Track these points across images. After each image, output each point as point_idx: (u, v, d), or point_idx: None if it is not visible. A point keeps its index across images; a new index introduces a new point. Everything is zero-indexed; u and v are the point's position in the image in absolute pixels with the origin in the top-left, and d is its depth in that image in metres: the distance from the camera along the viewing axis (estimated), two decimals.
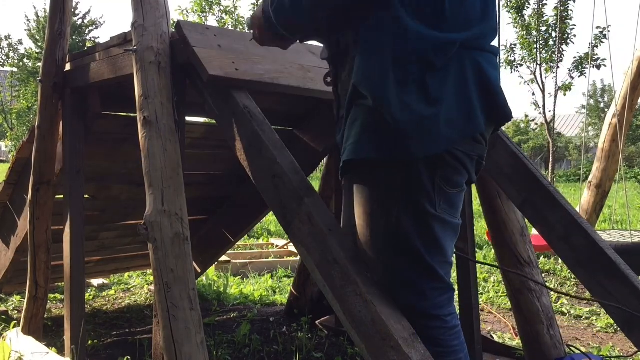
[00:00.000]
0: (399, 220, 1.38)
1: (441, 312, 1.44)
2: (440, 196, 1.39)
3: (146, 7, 1.91)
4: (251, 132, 1.73)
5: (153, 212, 1.70)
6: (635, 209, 10.00)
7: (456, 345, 1.45)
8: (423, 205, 1.38)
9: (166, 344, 1.62)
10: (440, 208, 1.40)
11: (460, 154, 1.39)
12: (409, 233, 1.38)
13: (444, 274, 1.44)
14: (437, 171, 1.37)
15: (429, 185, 1.37)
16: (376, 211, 1.42)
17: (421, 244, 1.39)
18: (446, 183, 1.40)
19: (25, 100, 18.40)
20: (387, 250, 1.43)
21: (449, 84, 1.35)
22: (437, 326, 1.43)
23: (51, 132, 2.49)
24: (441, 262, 1.43)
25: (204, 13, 10.03)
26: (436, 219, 1.39)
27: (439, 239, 1.41)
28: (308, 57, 2.15)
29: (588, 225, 2.05)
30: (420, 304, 1.43)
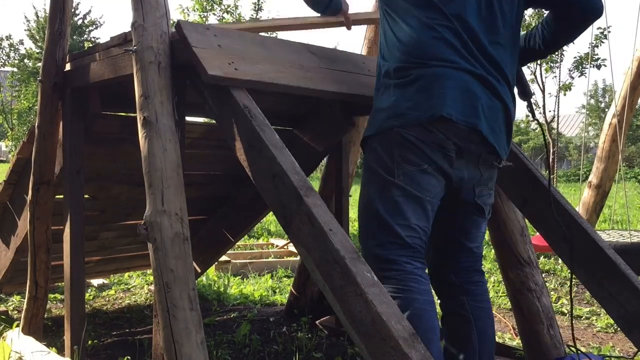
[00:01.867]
0: (368, 189, 1.80)
1: (398, 258, 1.72)
2: (399, 169, 1.73)
3: (146, 7, 1.91)
4: (251, 132, 1.73)
5: (153, 212, 1.70)
6: (635, 209, 10.00)
7: (413, 287, 1.69)
8: (383, 174, 1.75)
9: (166, 344, 1.62)
10: (399, 178, 1.73)
11: (411, 138, 1.72)
12: (373, 198, 1.77)
13: (403, 234, 1.73)
14: (392, 148, 1.74)
15: (387, 159, 1.74)
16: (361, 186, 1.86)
17: (381, 205, 1.75)
18: (403, 160, 1.73)
19: (26, 100, 18.39)
20: (361, 212, 1.83)
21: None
22: (393, 268, 1.71)
23: (51, 132, 2.49)
24: (401, 224, 1.73)
25: (205, 12, 10.02)
26: (395, 186, 1.73)
27: (398, 202, 1.73)
28: (308, 57, 2.15)
29: (588, 225, 2.05)
30: (379, 252, 1.74)
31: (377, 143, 1.78)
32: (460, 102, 1.71)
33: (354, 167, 3.49)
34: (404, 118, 1.72)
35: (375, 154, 1.79)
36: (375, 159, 1.78)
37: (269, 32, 3.96)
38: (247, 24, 2.58)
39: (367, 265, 1.51)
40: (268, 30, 2.68)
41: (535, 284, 2.39)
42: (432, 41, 1.74)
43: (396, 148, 1.73)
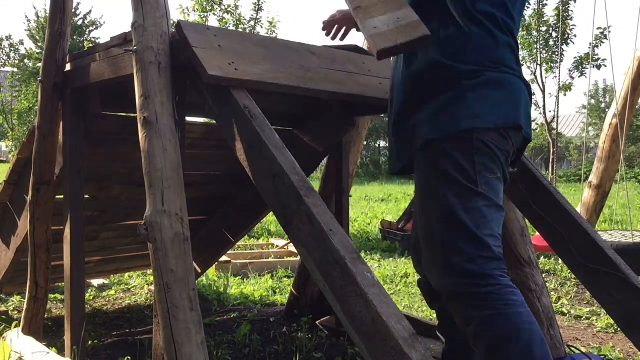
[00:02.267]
0: (446, 197, 1.61)
1: (492, 272, 1.58)
2: (481, 178, 1.61)
3: (146, 7, 1.91)
4: (251, 132, 1.73)
5: (153, 212, 1.70)
6: (635, 209, 10.00)
7: (514, 300, 1.56)
8: (463, 182, 1.60)
9: (166, 344, 1.62)
10: (482, 187, 1.61)
11: (490, 144, 1.63)
12: (456, 208, 1.60)
13: (492, 245, 1.60)
14: (473, 155, 1.61)
15: (468, 166, 1.61)
16: (424, 193, 1.71)
17: (466, 215, 1.59)
18: (484, 168, 1.62)
19: (26, 100, 18.39)
20: (437, 224, 1.65)
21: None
22: (491, 283, 1.57)
23: (51, 132, 2.49)
24: (489, 234, 1.61)
25: (205, 12, 10.02)
26: (479, 195, 1.61)
27: (484, 212, 1.61)
28: (308, 57, 2.15)
29: (588, 225, 2.05)
30: (471, 266, 1.57)
31: (452, 147, 1.63)
32: (524, 112, 1.71)
33: (354, 167, 3.49)
34: (481, 120, 1.63)
35: (450, 159, 1.63)
36: (452, 164, 1.62)
37: (269, 32, 3.97)
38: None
39: (365, 265, 1.50)
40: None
41: (535, 284, 2.39)
42: (503, 46, 1.71)
43: (477, 155, 1.62)
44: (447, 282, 1.62)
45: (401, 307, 3.91)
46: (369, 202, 11.89)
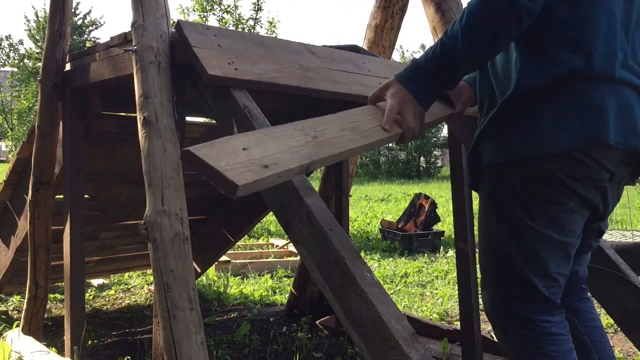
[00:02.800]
0: (498, 227, 1.47)
1: (534, 317, 1.46)
2: (540, 210, 1.41)
3: (146, 7, 1.91)
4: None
5: (153, 212, 1.69)
6: (635, 209, 10.00)
7: (553, 351, 1.45)
8: (519, 214, 1.43)
9: (166, 344, 1.62)
10: (539, 222, 1.42)
11: (559, 175, 1.39)
12: (505, 241, 1.46)
13: (540, 286, 1.45)
14: (534, 186, 1.41)
15: (526, 197, 1.42)
16: (482, 216, 1.54)
17: (514, 250, 1.45)
18: (547, 200, 1.41)
19: (26, 100, 18.40)
20: (487, 253, 1.53)
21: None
22: (528, 328, 1.47)
23: (51, 132, 2.49)
24: (539, 274, 1.45)
25: (205, 12, 10.03)
26: (534, 231, 1.43)
27: (536, 250, 1.44)
28: (308, 57, 2.15)
29: None
30: (512, 306, 1.48)
31: (515, 174, 1.43)
32: (617, 122, 1.38)
33: (354, 167, 3.49)
34: (553, 144, 1.37)
35: (510, 187, 1.44)
36: (512, 193, 1.44)
37: (269, 32, 3.95)
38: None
39: (365, 265, 1.49)
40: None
41: None
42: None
43: (539, 186, 1.40)
44: (490, 312, 1.55)
45: (401, 307, 3.91)
46: (369, 202, 11.90)
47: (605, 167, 1.41)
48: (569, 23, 1.38)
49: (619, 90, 1.40)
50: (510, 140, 1.42)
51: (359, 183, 17.90)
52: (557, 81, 1.37)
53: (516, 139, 1.41)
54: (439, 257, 5.93)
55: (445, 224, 7.64)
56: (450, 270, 5.10)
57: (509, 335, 1.51)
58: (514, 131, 1.42)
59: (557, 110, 1.37)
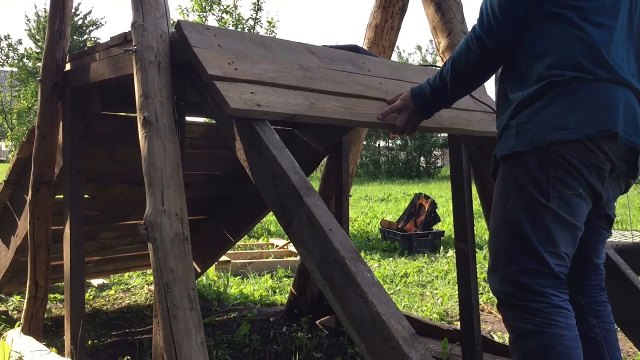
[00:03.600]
0: (514, 207, 1.61)
1: (544, 290, 1.58)
2: (555, 192, 1.57)
3: (146, 7, 1.91)
4: (251, 132, 1.73)
5: (153, 212, 1.69)
6: (635, 209, 10.00)
7: (559, 322, 1.56)
8: (535, 195, 1.58)
9: (166, 344, 1.62)
10: (554, 202, 1.57)
11: (571, 159, 1.56)
12: (521, 219, 1.59)
13: (551, 262, 1.58)
14: (549, 169, 1.57)
15: (542, 179, 1.58)
16: (497, 200, 1.69)
17: (530, 229, 1.58)
18: (559, 182, 1.57)
19: (26, 100, 18.40)
20: (500, 231, 1.65)
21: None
22: (539, 300, 1.57)
23: (51, 132, 2.49)
24: (550, 252, 1.59)
25: (204, 12, 10.02)
26: (549, 210, 1.57)
27: (550, 228, 1.58)
28: (308, 57, 2.15)
29: None
30: (525, 281, 1.58)
31: (531, 159, 1.60)
32: (624, 118, 1.58)
33: (354, 167, 3.49)
34: (568, 132, 1.55)
35: (526, 170, 1.60)
36: (528, 176, 1.60)
37: (269, 32, 3.95)
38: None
39: (365, 265, 1.50)
40: None
41: None
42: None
43: (554, 169, 1.57)
44: (500, 290, 1.64)
45: (401, 307, 3.91)
46: (369, 202, 11.89)
47: (609, 158, 1.59)
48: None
49: (626, 92, 1.60)
50: (530, 130, 1.59)
51: (359, 183, 17.90)
52: (573, 80, 1.57)
53: (535, 129, 1.58)
54: (439, 257, 5.93)
55: (445, 224, 7.64)
56: (450, 270, 5.10)
57: (519, 309, 1.58)
58: (534, 123, 1.59)
59: (573, 104, 1.56)
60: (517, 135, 1.62)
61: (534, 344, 1.54)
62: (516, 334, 1.59)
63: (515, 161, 1.63)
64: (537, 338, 1.54)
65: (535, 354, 1.54)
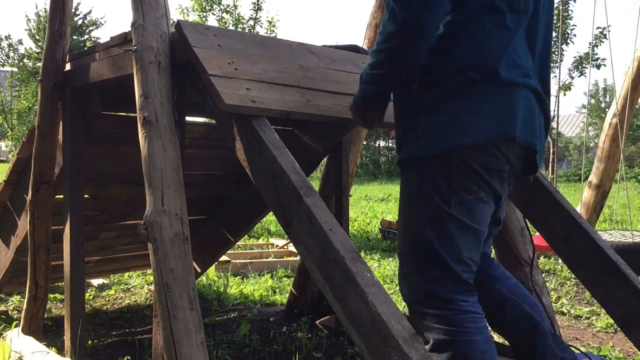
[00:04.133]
0: (418, 215, 1.60)
1: (453, 297, 1.58)
2: (455, 198, 1.56)
3: (146, 7, 1.91)
4: (251, 132, 1.73)
5: (153, 212, 1.70)
6: (635, 209, 10.00)
7: (471, 327, 1.57)
8: (437, 201, 1.57)
9: (166, 344, 1.62)
10: (455, 209, 1.57)
11: (474, 164, 1.56)
12: (425, 227, 1.58)
13: (457, 269, 1.59)
14: (451, 174, 1.56)
15: (444, 186, 1.56)
16: (402, 206, 1.67)
17: (433, 236, 1.58)
18: (461, 188, 1.57)
19: (26, 100, 18.40)
20: (407, 240, 1.64)
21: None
22: (448, 307, 1.57)
23: (51, 132, 2.49)
24: (455, 258, 1.59)
25: (205, 12, 10.02)
26: (450, 217, 1.57)
27: (453, 235, 1.58)
28: (308, 57, 2.15)
29: (588, 225, 2.05)
30: (433, 287, 1.59)
31: (433, 164, 1.58)
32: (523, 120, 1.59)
33: (354, 167, 3.49)
34: (470, 137, 1.54)
35: (430, 176, 1.58)
36: (430, 183, 1.58)
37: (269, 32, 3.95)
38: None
39: (365, 265, 1.50)
40: None
41: (535, 284, 2.39)
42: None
43: (456, 175, 1.56)
44: (410, 299, 1.65)
45: (401, 307, 3.91)
46: (369, 202, 11.90)
47: (509, 160, 1.61)
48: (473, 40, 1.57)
49: (526, 93, 1.60)
50: (432, 135, 1.57)
51: (359, 183, 17.90)
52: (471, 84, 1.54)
53: (438, 134, 1.56)
54: None
55: None
56: None
57: (429, 317, 1.59)
58: (436, 127, 1.57)
59: (474, 108, 1.55)
60: (419, 140, 1.59)
61: (449, 355, 1.55)
62: (430, 345, 1.58)
63: (418, 166, 1.61)
64: (452, 348, 1.55)
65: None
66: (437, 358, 1.56)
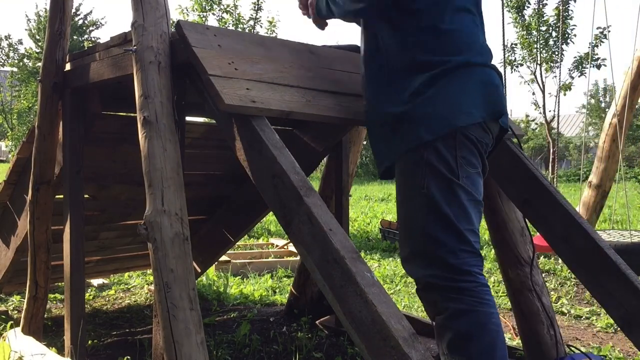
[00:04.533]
0: (430, 190, 1.64)
1: (472, 269, 1.63)
2: (462, 171, 1.65)
3: (146, 7, 1.91)
4: (251, 132, 1.73)
5: (153, 212, 1.69)
6: (635, 209, 10.00)
7: (488, 300, 1.62)
8: (447, 174, 1.64)
9: (166, 344, 1.62)
10: (463, 181, 1.65)
11: (474, 139, 1.68)
12: (439, 201, 1.63)
13: (472, 240, 1.65)
14: (456, 149, 1.65)
15: (451, 160, 1.64)
16: (408, 188, 1.70)
17: (448, 208, 1.63)
18: (465, 161, 1.67)
19: (26, 100, 18.39)
20: (417, 214, 1.67)
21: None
22: (469, 280, 1.61)
23: (51, 132, 2.49)
24: (468, 229, 1.64)
25: (204, 12, 10.01)
26: (461, 189, 1.64)
27: (466, 206, 1.65)
28: (308, 57, 2.15)
29: (588, 225, 2.05)
30: (454, 261, 1.61)
31: (439, 143, 1.66)
32: (499, 101, 1.78)
33: (354, 167, 3.49)
34: (471, 116, 1.68)
35: (435, 153, 1.65)
36: (438, 158, 1.65)
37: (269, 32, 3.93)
38: None
39: (365, 265, 1.50)
40: None
41: (535, 284, 2.39)
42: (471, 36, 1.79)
43: (459, 149, 1.66)
44: (426, 274, 1.65)
45: (401, 307, 3.92)
46: (369, 202, 11.90)
47: (492, 137, 1.79)
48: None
49: (492, 74, 1.79)
50: (434, 117, 1.67)
51: (359, 183, 17.89)
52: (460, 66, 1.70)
53: (439, 115, 1.67)
54: None
55: None
56: None
57: (447, 290, 1.61)
58: (435, 108, 1.67)
59: (468, 89, 1.70)
60: (419, 124, 1.67)
61: (467, 323, 1.58)
62: (447, 314, 1.60)
63: (423, 147, 1.67)
64: (471, 317, 1.58)
65: (470, 334, 1.57)
66: (455, 324, 1.59)
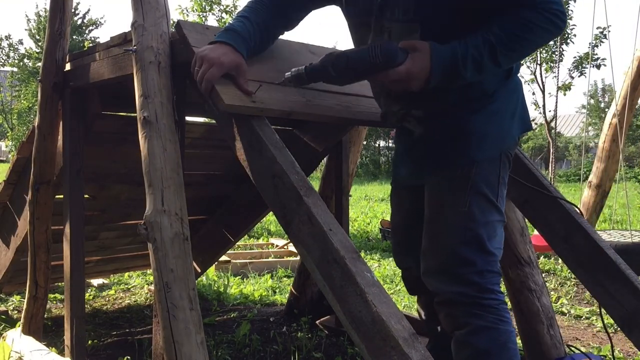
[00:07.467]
0: (471, 209, 1.63)
1: (494, 287, 1.65)
2: (501, 192, 1.67)
3: (146, 7, 1.91)
4: (251, 131, 1.73)
5: (153, 212, 1.69)
6: (635, 209, 10.00)
7: (508, 318, 1.65)
8: (489, 195, 1.64)
9: (166, 344, 1.62)
10: (499, 201, 1.66)
11: (510, 156, 1.71)
12: (477, 221, 1.62)
13: (497, 261, 1.67)
14: (500, 169, 1.67)
15: (494, 180, 1.65)
16: (446, 202, 1.67)
17: (483, 229, 1.63)
18: (504, 182, 1.69)
19: (26, 100, 18.42)
20: (455, 237, 1.64)
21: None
22: (493, 298, 1.64)
23: (51, 132, 2.49)
24: (497, 249, 1.67)
25: (204, 12, 10.02)
26: (496, 210, 1.66)
27: (496, 227, 1.66)
28: (308, 57, 2.15)
29: (588, 225, 2.05)
30: (480, 280, 1.63)
31: (486, 162, 1.66)
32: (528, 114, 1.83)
33: (354, 167, 3.49)
34: (513, 137, 1.73)
35: (482, 173, 1.65)
36: (483, 178, 1.65)
37: None
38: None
39: (365, 265, 1.49)
40: None
41: (535, 284, 2.39)
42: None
43: (502, 169, 1.69)
44: (450, 290, 1.66)
45: (401, 307, 3.91)
46: (369, 202, 11.90)
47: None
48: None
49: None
50: (489, 138, 1.66)
51: (359, 183, 17.91)
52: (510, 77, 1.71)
53: (494, 136, 1.66)
54: None
55: None
56: None
57: (472, 306, 1.62)
58: (492, 127, 1.67)
59: (514, 105, 1.72)
60: (476, 142, 1.65)
61: (487, 341, 1.60)
62: (468, 329, 1.61)
63: (470, 165, 1.65)
64: (491, 334, 1.60)
65: (488, 350, 1.59)
66: (475, 340, 1.60)
